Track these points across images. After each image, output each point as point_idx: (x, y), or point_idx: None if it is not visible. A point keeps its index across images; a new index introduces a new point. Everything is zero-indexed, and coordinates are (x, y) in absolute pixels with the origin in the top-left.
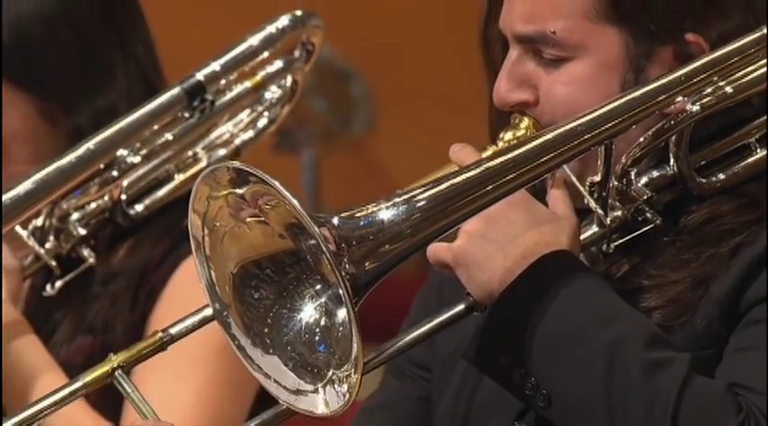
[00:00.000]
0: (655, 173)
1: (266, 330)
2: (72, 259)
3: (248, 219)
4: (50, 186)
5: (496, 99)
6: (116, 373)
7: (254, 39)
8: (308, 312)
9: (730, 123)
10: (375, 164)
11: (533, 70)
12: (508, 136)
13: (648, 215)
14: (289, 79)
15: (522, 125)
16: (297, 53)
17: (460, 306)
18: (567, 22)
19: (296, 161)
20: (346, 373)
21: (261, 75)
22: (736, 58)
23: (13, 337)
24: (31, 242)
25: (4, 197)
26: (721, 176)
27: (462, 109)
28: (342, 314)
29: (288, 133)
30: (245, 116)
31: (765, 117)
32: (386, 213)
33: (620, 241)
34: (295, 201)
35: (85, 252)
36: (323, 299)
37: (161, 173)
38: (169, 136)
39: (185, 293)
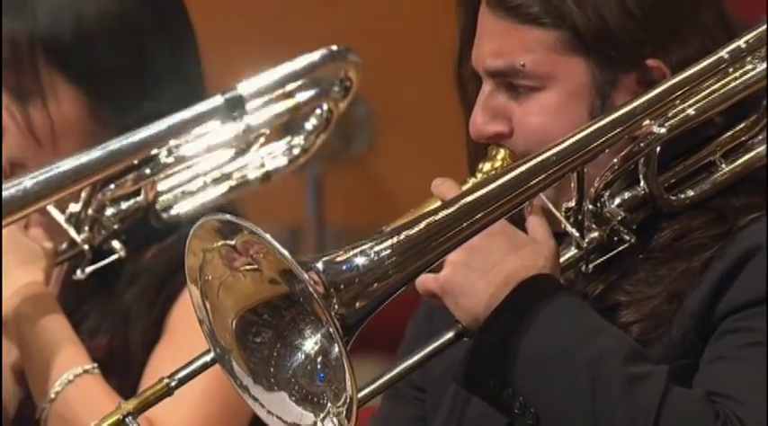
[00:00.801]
0: (626, 194)
1: (271, 369)
2: (104, 251)
3: (240, 269)
4: (88, 170)
5: (473, 132)
6: (126, 420)
7: (296, 65)
8: (307, 348)
9: (695, 142)
10: (376, 182)
11: (506, 103)
12: (486, 167)
13: (623, 234)
14: (325, 108)
15: (499, 156)
16: (336, 87)
17: (450, 334)
18: (534, 54)
19: (301, 178)
20: (342, 410)
21: (297, 98)
22: (696, 82)
23: (39, 310)
24: (68, 226)
25: (48, 173)
26: (690, 193)
27: (457, 131)
28: (335, 350)
29: None
30: (282, 144)
31: (728, 133)
32: (371, 253)
33: (598, 261)
34: (283, 250)
35: (117, 245)
36: (318, 337)
37: (196, 184)
38: (207, 140)
39: None
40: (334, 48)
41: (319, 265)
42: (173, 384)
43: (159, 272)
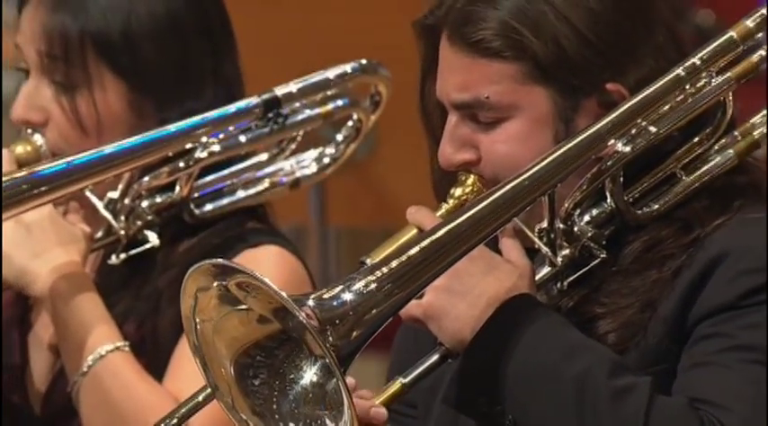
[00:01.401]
0: (594, 211)
1: (274, 407)
2: (138, 241)
3: (229, 311)
4: (128, 156)
5: (442, 162)
6: None
7: (330, 73)
8: (305, 380)
9: (656, 157)
10: (377, 186)
11: (472, 132)
12: (458, 192)
13: (594, 250)
14: (355, 118)
15: (469, 181)
16: (367, 101)
17: (435, 357)
18: (498, 86)
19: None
20: None
21: (330, 106)
22: (656, 100)
23: (75, 288)
24: (106, 212)
25: (94, 152)
26: (655, 206)
27: None
28: (333, 381)
29: None
30: (314, 153)
31: (686, 146)
32: (359, 288)
33: (572, 277)
34: (277, 289)
35: (151, 235)
36: (315, 369)
37: (227, 184)
38: (242, 138)
39: None
40: (364, 61)
41: (311, 302)
42: (173, 422)
43: (191, 263)
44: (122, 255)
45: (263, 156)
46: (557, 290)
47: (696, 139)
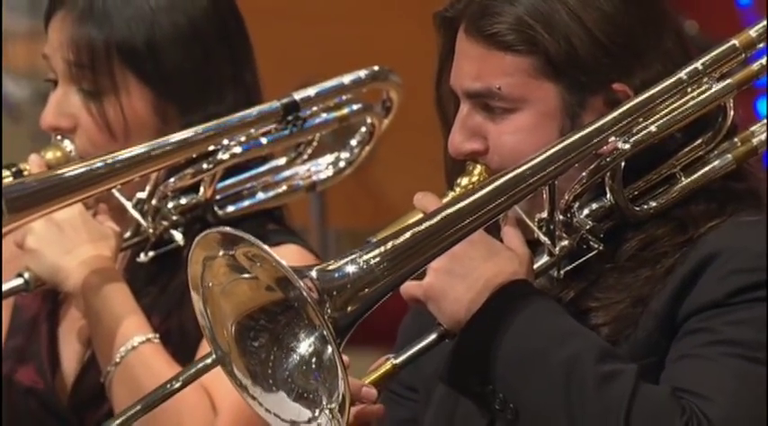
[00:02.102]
0: (594, 205)
1: (269, 371)
2: (165, 240)
3: (238, 277)
4: (154, 156)
5: (451, 149)
6: None
7: (345, 79)
8: (302, 350)
9: (657, 156)
10: (375, 190)
11: (482, 122)
12: (464, 181)
13: (591, 242)
14: (368, 121)
15: (476, 171)
16: (379, 106)
17: (433, 335)
18: (510, 78)
19: None
20: (336, 405)
21: (345, 110)
22: (658, 100)
23: (106, 282)
24: (134, 212)
25: (122, 154)
26: (653, 204)
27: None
28: (329, 351)
29: None
30: (330, 157)
31: (687, 148)
32: (361, 262)
33: (569, 267)
34: (279, 259)
35: (177, 235)
36: (312, 339)
37: (248, 187)
38: (263, 140)
39: None
40: (376, 68)
41: (313, 273)
42: (176, 384)
43: None
44: (150, 253)
45: (282, 161)
46: (554, 279)
47: (697, 142)
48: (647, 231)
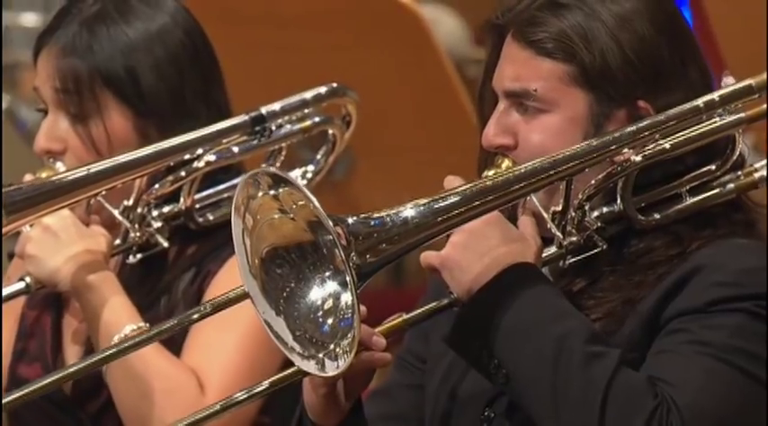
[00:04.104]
0: (605, 209)
1: (281, 300)
2: (150, 246)
3: (280, 215)
4: (135, 164)
5: (484, 141)
6: None
7: (307, 94)
8: (318, 294)
9: (667, 175)
10: (353, 204)
11: (516, 121)
12: (491, 173)
13: (597, 241)
14: (330, 133)
15: (503, 165)
16: (338, 120)
17: (445, 301)
18: (545, 82)
19: None
20: (346, 344)
21: (308, 121)
22: (674, 121)
23: (95, 277)
24: (122, 218)
25: (108, 161)
26: (656, 216)
27: (426, 160)
28: (345, 297)
29: None
30: (298, 171)
31: (696, 172)
32: (390, 218)
33: (574, 260)
34: (318, 203)
35: (161, 239)
36: (333, 283)
37: (224, 197)
38: (235, 149)
39: (234, 275)
40: (335, 85)
41: (350, 220)
42: (208, 309)
43: (197, 265)
44: (138, 255)
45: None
46: (558, 269)
47: (706, 168)
48: (646, 240)
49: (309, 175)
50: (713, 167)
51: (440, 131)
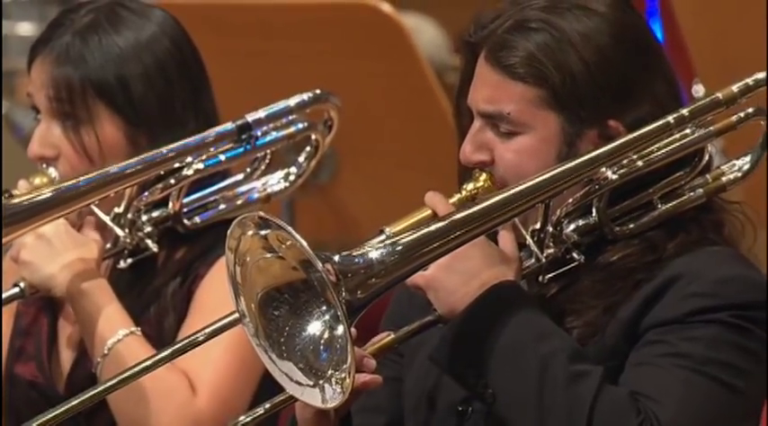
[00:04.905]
0: (581, 222)
1: (282, 340)
2: (140, 250)
3: (270, 255)
4: (126, 173)
5: (462, 158)
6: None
7: (291, 101)
8: (315, 327)
9: (639, 184)
10: (337, 206)
11: (491, 138)
12: (470, 186)
13: (574, 254)
14: (313, 139)
15: (481, 178)
16: (320, 125)
17: (427, 319)
18: (518, 105)
19: (276, 202)
20: (343, 375)
21: (292, 128)
22: (646, 139)
23: (88, 284)
24: (113, 225)
25: (99, 172)
26: (631, 225)
27: (408, 165)
28: (340, 329)
29: None
30: (281, 173)
31: (666, 180)
32: (374, 254)
33: (552, 274)
34: (305, 243)
35: (151, 244)
36: (326, 317)
37: (212, 200)
38: (222, 157)
39: (222, 278)
40: (318, 91)
41: (336, 257)
42: (201, 337)
43: (186, 262)
44: (129, 260)
45: (240, 176)
46: (537, 282)
47: (675, 176)
48: (621, 248)
49: (292, 177)
50: (683, 174)
51: (421, 136)
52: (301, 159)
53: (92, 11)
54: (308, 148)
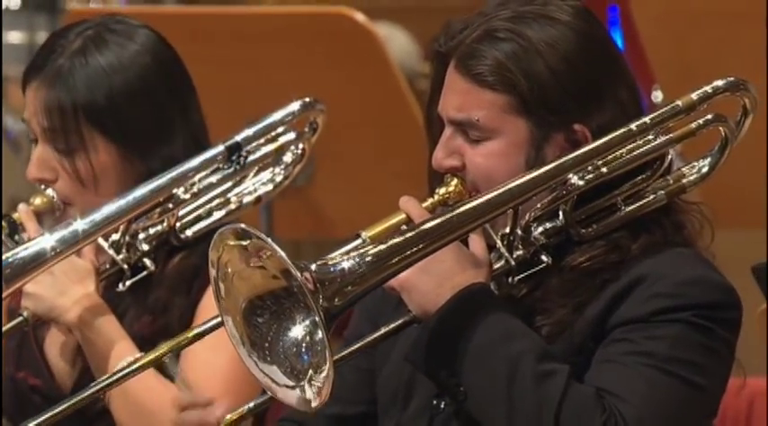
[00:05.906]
0: (548, 224)
1: (266, 345)
2: (138, 267)
3: (251, 265)
4: (123, 212)
5: (434, 163)
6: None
7: (278, 115)
8: (297, 331)
9: (603, 187)
10: (314, 208)
11: (461, 144)
12: (442, 191)
13: (542, 256)
14: (300, 146)
15: (452, 183)
16: (306, 128)
17: (402, 320)
18: (487, 112)
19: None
20: (322, 377)
21: (280, 141)
22: (611, 147)
23: (96, 316)
24: (110, 250)
25: (98, 214)
26: (595, 226)
27: (382, 167)
28: (319, 334)
29: None
30: (267, 174)
31: (629, 183)
32: (349, 263)
33: (521, 275)
34: (283, 254)
35: (148, 262)
36: (307, 323)
37: (204, 210)
38: (213, 179)
39: None
40: (307, 99)
41: (313, 266)
42: (189, 334)
43: (188, 270)
44: (128, 283)
45: (229, 184)
46: (507, 283)
47: (638, 179)
48: (587, 249)
49: (279, 178)
50: (645, 177)
51: (393, 140)
52: (287, 160)
53: (79, 34)
54: (293, 151)
